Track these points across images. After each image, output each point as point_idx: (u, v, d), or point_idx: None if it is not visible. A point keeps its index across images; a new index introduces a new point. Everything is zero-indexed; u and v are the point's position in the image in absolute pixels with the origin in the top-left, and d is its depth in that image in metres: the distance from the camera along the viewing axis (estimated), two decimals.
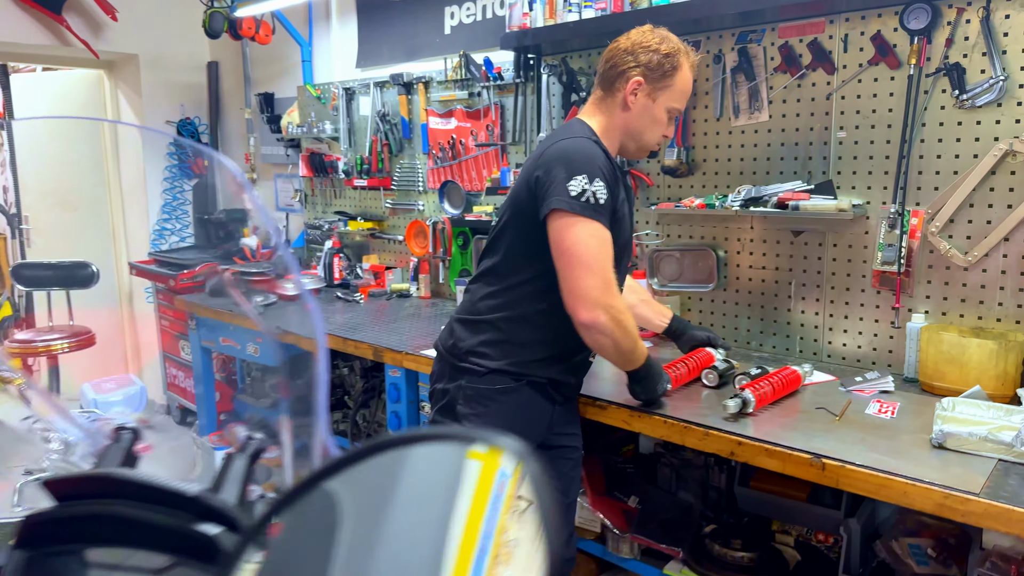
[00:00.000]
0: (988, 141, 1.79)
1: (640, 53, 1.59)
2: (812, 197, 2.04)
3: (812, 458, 1.48)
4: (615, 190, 1.56)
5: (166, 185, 4.46)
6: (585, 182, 1.49)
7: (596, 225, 1.50)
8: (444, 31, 3.12)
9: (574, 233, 1.49)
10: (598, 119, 1.65)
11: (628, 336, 1.55)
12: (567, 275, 1.51)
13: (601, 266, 1.50)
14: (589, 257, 1.49)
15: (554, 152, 1.54)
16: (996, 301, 1.83)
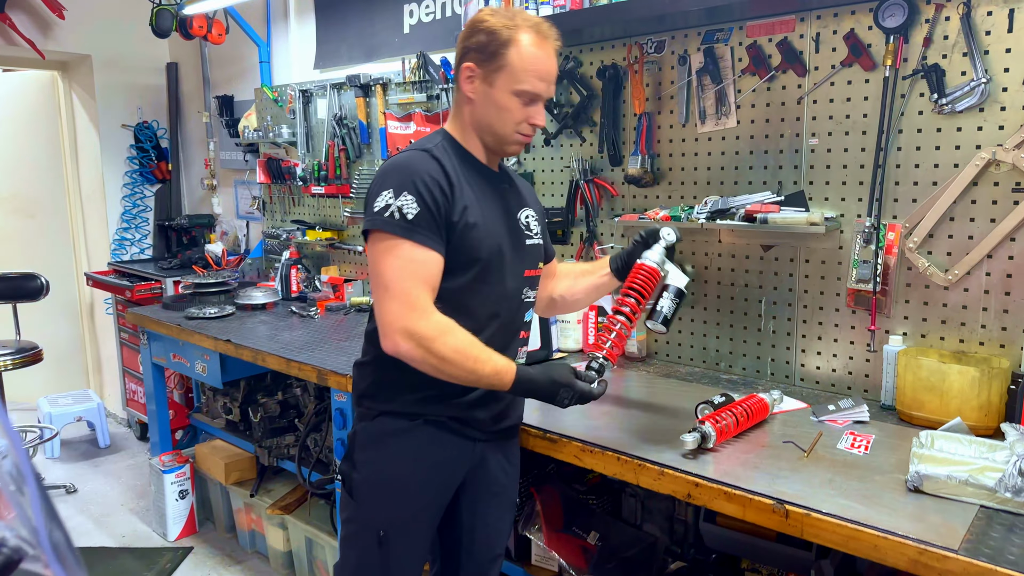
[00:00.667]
0: (970, 149, 1.64)
1: (469, 35, 1.42)
2: (782, 209, 1.89)
3: (775, 504, 1.33)
4: (450, 197, 1.38)
5: (126, 192, 4.28)
6: (390, 197, 1.35)
7: (400, 243, 1.34)
8: (403, 30, 2.96)
9: (375, 253, 1.37)
10: (453, 121, 1.50)
11: (448, 360, 1.34)
12: (374, 301, 1.40)
13: (401, 288, 1.34)
14: (387, 279, 1.35)
15: (378, 170, 1.45)
16: (979, 323, 1.68)
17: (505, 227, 1.48)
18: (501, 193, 1.51)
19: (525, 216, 1.55)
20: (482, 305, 1.45)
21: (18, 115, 4.61)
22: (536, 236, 1.57)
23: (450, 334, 1.35)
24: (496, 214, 1.47)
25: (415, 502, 1.49)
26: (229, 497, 3.03)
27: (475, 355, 1.36)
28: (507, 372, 1.38)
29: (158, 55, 4.27)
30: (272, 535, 2.82)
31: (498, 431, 1.57)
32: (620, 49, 2.23)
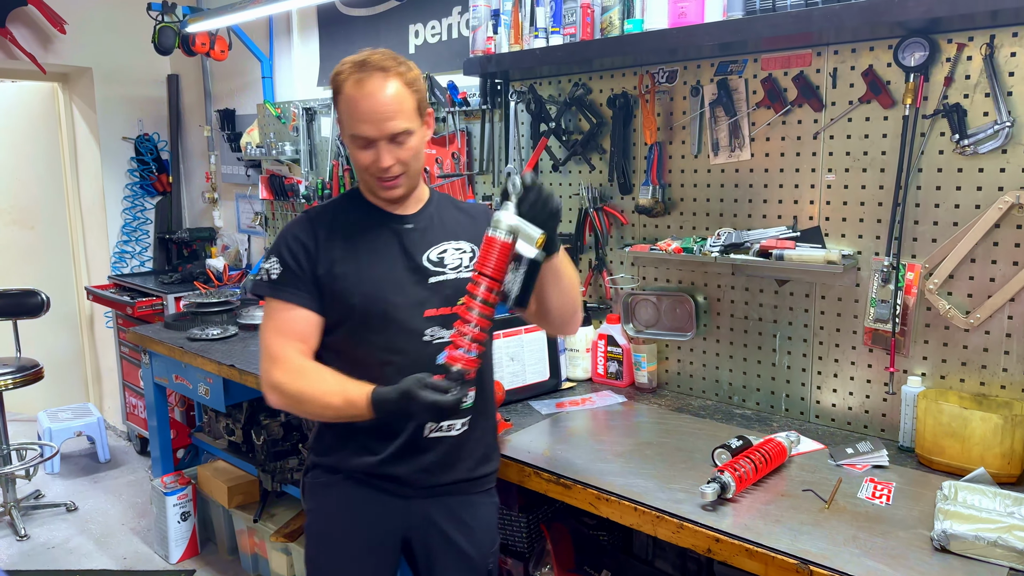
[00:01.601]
0: (992, 191, 1.62)
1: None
2: (798, 245, 1.86)
3: (799, 564, 1.30)
4: (313, 254, 1.44)
5: (126, 204, 4.24)
6: (264, 261, 1.51)
7: (269, 302, 1.46)
8: (409, 50, 2.92)
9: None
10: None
11: (304, 400, 1.39)
12: None
13: (266, 344, 1.44)
14: (261, 337, 1.46)
15: None
16: (1000, 367, 1.66)
17: (391, 271, 1.46)
18: (396, 235, 1.48)
19: (439, 253, 1.50)
20: (370, 353, 1.45)
21: (18, 126, 4.57)
22: (452, 271, 1.49)
23: (303, 374, 1.41)
24: (378, 259, 1.47)
25: (339, 557, 1.52)
26: (232, 520, 3.00)
27: (325, 389, 1.38)
28: (360, 398, 1.34)
29: (159, 67, 4.23)
30: (276, 560, 2.79)
31: (437, 486, 1.51)
32: (631, 78, 2.19)
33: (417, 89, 1.40)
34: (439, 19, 2.79)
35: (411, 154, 1.40)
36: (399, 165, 1.39)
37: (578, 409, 2.07)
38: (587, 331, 2.30)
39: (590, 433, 1.92)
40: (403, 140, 1.37)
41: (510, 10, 2.26)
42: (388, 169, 1.38)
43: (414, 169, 1.44)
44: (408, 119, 1.37)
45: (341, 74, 1.37)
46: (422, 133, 1.43)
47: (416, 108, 1.39)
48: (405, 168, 1.41)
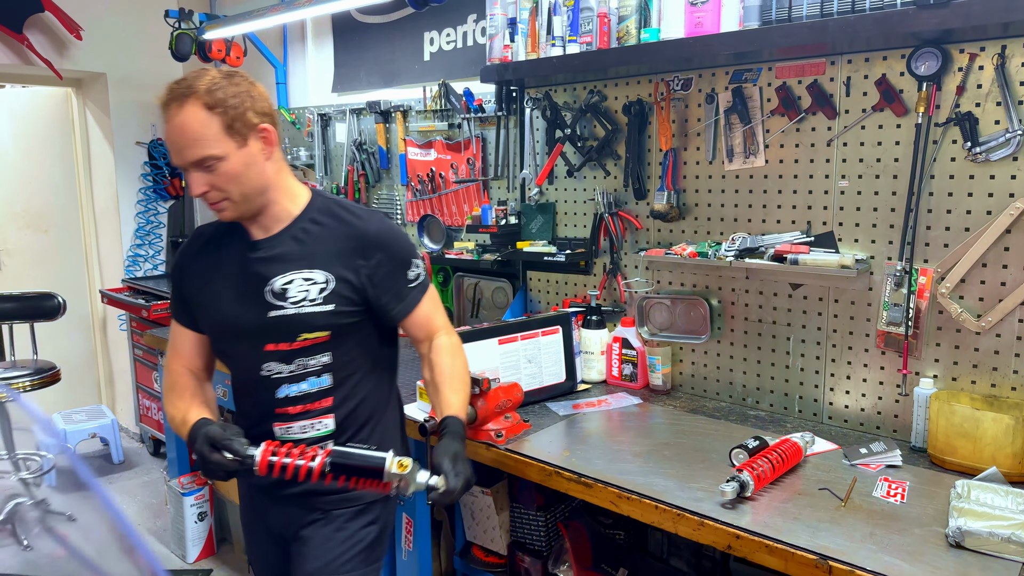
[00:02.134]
0: (1003, 198, 1.66)
1: None
2: (812, 250, 1.90)
3: (818, 559, 1.34)
4: (182, 276, 1.52)
5: (140, 208, 4.29)
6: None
7: (171, 324, 1.58)
8: (423, 57, 2.97)
9: None
10: None
11: (170, 418, 1.49)
12: None
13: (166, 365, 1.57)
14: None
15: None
16: (1011, 369, 1.70)
17: (236, 301, 1.44)
18: (246, 262, 1.43)
19: (283, 283, 1.41)
20: (234, 376, 1.54)
21: (32, 131, 4.61)
22: (292, 306, 1.41)
23: (171, 391, 1.51)
24: (228, 286, 1.45)
25: (250, 543, 1.69)
26: None
27: (175, 412, 1.47)
28: (184, 426, 1.41)
29: (171, 73, 4.26)
30: None
31: (286, 496, 1.50)
32: (646, 85, 2.24)
33: (227, 108, 1.30)
34: (454, 27, 2.84)
35: (225, 179, 1.33)
36: (215, 192, 1.34)
37: (594, 411, 2.11)
38: (602, 334, 2.34)
39: (607, 434, 1.96)
40: (212, 166, 1.31)
41: (527, 19, 2.30)
42: (204, 196, 1.34)
43: (238, 193, 1.35)
44: (212, 144, 1.30)
45: (161, 102, 1.33)
46: (242, 155, 1.33)
47: (224, 130, 1.30)
48: (224, 194, 1.34)
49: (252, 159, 1.35)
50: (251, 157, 1.35)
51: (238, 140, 1.33)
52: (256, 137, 1.36)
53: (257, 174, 1.37)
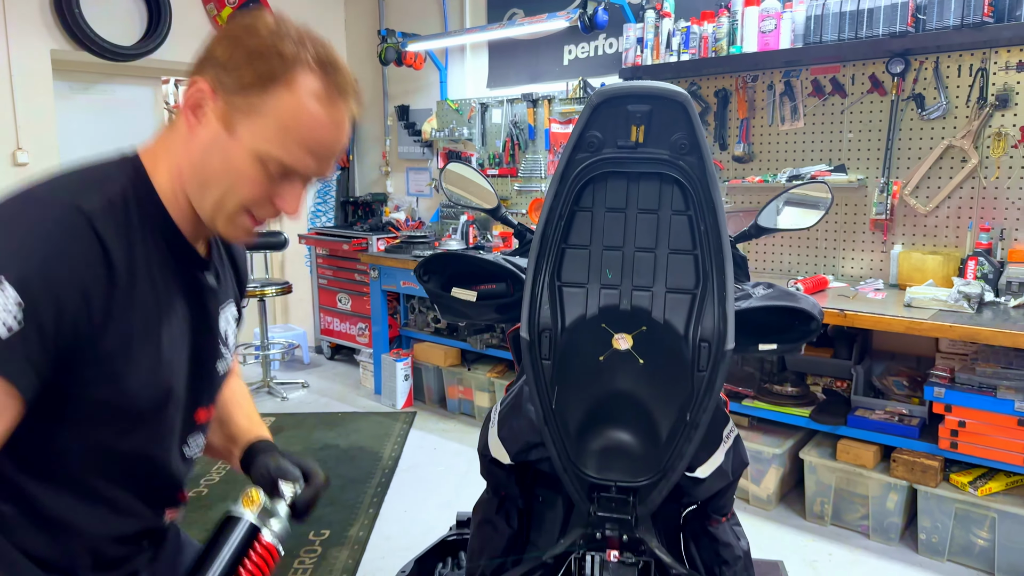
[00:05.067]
0: (937, 139, 3.05)
1: (225, 40, 0.91)
2: (832, 174, 3.30)
3: (839, 312, 2.74)
4: (98, 311, 0.86)
5: None
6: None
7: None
8: (563, 63, 4.36)
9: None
10: (160, 148, 0.97)
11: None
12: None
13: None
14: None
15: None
16: (943, 233, 3.10)
17: (188, 355, 1.01)
18: (199, 295, 1.02)
19: (225, 321, 1.09)
20: (114, 462, 0.96)
21: None
22: (227, 350, 1.11)
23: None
24: (181, 333, 0.99)
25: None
26: (443, 377, 4.43)
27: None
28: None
29: None
30: (479, 398, 4.22)
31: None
32: (729, 79, 3.63)
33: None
34: (588, 42, 4.23)
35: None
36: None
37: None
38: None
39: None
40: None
41: (652, 38, 3.70)
42: (294, 215, 0.97)
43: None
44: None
45: (295, 58, 0.88)
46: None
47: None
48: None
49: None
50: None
51: None
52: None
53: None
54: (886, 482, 2.77)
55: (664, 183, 1.31)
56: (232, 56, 0.89)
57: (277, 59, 0.88)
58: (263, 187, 0.92)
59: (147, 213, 0.93)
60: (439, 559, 2.34)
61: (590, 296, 1.37)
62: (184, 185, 0.94)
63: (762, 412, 3.13)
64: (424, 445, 3.94)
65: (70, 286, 0.82)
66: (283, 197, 0.94)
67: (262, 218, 0.96)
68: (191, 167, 0.93)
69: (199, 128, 0.91)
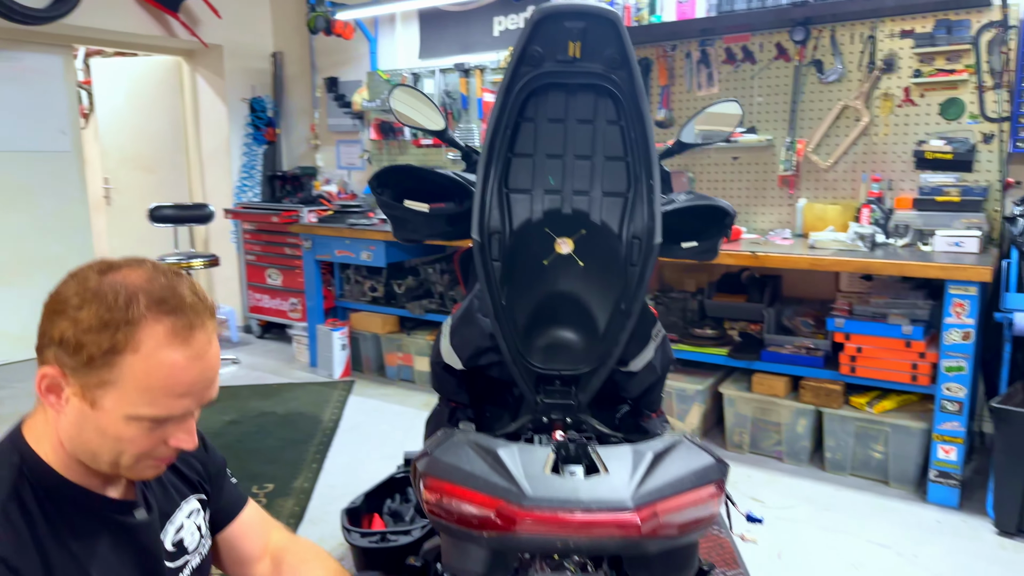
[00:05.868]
0: (835, 101, 3.36)
1: (51, 324, 0.91)
2: (744, 135, 3.57)
3: (751, 254, 2.99)
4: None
5: (244, 149, 5.63)
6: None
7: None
8: (494, 34, 4.50)
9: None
10: (39, 425, 0.97)
11: None
12: None
13: None
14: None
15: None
16: (841, 185, 3.41)
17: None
18: (131, 535, 1.01)
19: (176, 532, 1.09)
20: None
21: (143, 91, 5.86)
22: (194, 552, 1.12)
23: None
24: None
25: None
26: (381, 344, 4.51)
27: None
28: None
29: (265, 47, 5.64)
30: (419, 363, 4.32)
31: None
32: (650, 48, 3.86)
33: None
34: (517, 13, 4.38)
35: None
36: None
37: None
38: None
39: None
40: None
41: None
42: (192, 447, 0.96)
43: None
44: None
45: (137, 322, 0.87)
46: None
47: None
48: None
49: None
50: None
51: None
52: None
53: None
54: (796, 408, 3.05)
55: (599, 95, 1.47)
56: (68, 337, 0.88)
57: (112, 329, 0.87)
58: (150, 439, 0.92)
59: (46, 488, 0.92)
60: (388, 495, 2.45)
61: (535, 201, 1.52)
62: (75, 454, 0.94)
63: (685, 354, 3.37)
64: (365, 408, 4.01)
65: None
66: (176, 436, 0.94)
67: (164, 457, 0.96)
68: (72, 442, 0.93)
69: (65, 408, 0.91)
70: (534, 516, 0.82)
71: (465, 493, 0.85)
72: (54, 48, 4.94)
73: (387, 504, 2.42)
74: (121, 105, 5.92)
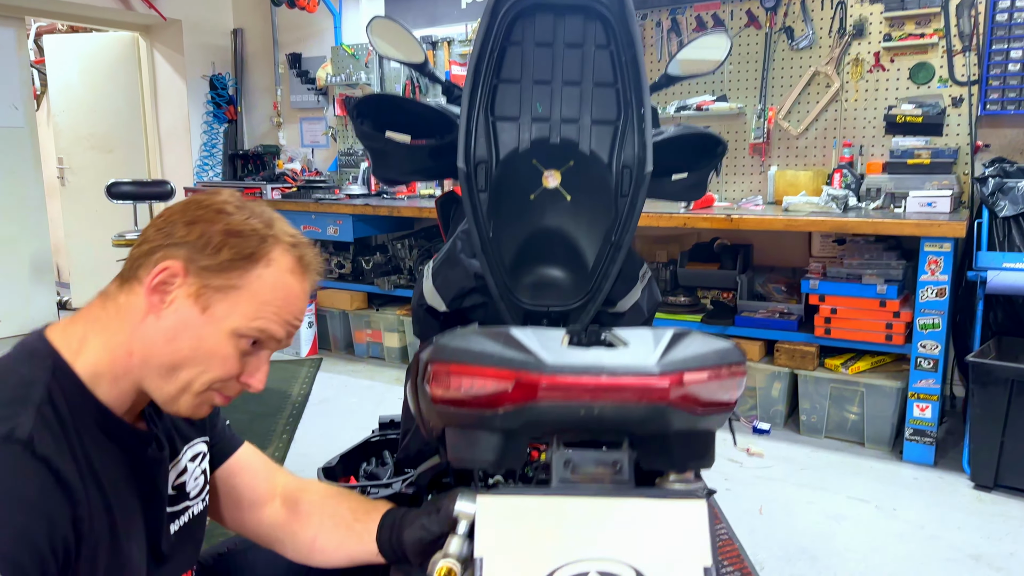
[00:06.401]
0: (806, 67, 3.37)
1: (184, 225, 0.90)
2: (715, 103, 3.57)
3: (726, 217, 2.98)
4: (73, 549, 0.80)
5: (204, 127, 5.46)
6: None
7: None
8: (461, 6, 4.43)
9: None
10: (92, 334, 0.90)
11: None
12: None
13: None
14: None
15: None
16: (813, 152, 3.43)
17: (147, 536, 0.95)
18: (146, 470, 0.95)
19: (179, 474, 1.03)
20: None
21: (97, 68, 5.64)
22: (195, 498, 1.06)
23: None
24: (134, 518, 0.92)
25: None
26: (350, 321, 4.41)
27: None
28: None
29: (226, 22, 5.47)
30: (388, 339, 4.24)
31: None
32: None
33: None
34: None
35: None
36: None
37: None
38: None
39: None
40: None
41: None
42: (259, 390, 0.94)
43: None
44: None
45: (268, 237, 0.91)
46: None
47: None
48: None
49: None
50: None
51: None
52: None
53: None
54: (771, 371, 3.06)
55: (588, 18, 1.42)
56: (207, 237, 0.88)
57: (255, 238, 0.90)
58: (234, 365, 0.91)
59: (76, 407, 0.86)
60: (364, 459, 2.37)
61: (522, 129, 1.47)
62: (131, 369, 0.89)
63: (659, 322, 3.35)
64: (334, 383, 3.92)
65: (39, 533, 0.76)
66: (250, 373, 0.93)
67: (229, 395, 0.94)
68: (149, 351, 0.88)
69: (165, 308, 0.88)
70: (556, 381, 0.77)
71: (478, 370, 0.79)
72: (6, 20, 4.73)
73: (363, 467, 2.35)
74: (75, 83, 5.68)
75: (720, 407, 0.84)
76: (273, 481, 1.16)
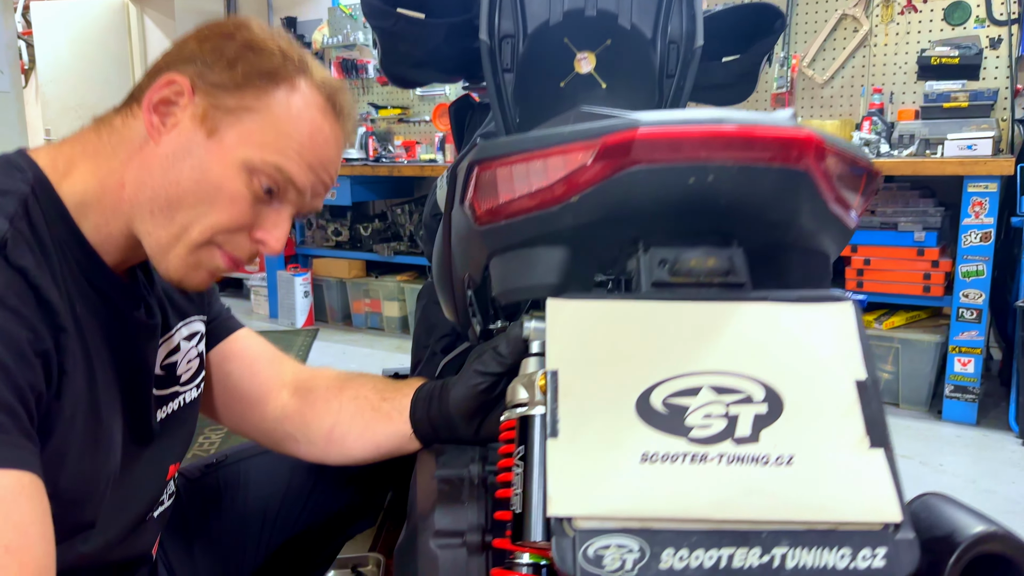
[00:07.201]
0: (832, 11, 3.19)
1: (199, 40, 0.75)
2: None
3: None
4: (53, 363, 0.65)
5: None
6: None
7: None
8: None
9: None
10: (78, 161, 0.74)
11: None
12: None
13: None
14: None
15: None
16: (839, 101, 3.25)
17: (129, 414, 0.78)
18: (131, 335, 0.79)
19: (170, 352, 0.86)
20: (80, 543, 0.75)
21: (85, 36, 5.44)
22: (188, 384, 0.89)
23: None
24: (113, 390, 0.76)
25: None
26: (347, 291, 4.21)
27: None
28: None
29: None
30: (388, 308, 4.04)
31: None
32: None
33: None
34: None
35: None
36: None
37: None
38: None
39: None
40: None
41: None
42: (278, 251, 0.77)
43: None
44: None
45: (296, 62, 0.74)
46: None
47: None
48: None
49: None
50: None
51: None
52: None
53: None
54: None
55: None
56: (221, 51, 0.73)
57: (279, 56, 0.74)
58: (244, 209, 0.73)
59: (57, 237, 0.70)
60: None
61: None
62: (122, 204, 0.73)
63: None
64: (331, 352, 3.73)
65: (20, 334, 0.61)
66: (264, 227, 0.74)
67: (234, 254, 0.75)
68: (143, 183, 0.72)
69: (166, 133, 0.72)
70: (658, 133, 0.59)
71: (541, 152, 0.60)
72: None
73: None
74: (64, 53, 5.48)
75: (845, 208, 0.67)
76: (279, 367, 0.97)
